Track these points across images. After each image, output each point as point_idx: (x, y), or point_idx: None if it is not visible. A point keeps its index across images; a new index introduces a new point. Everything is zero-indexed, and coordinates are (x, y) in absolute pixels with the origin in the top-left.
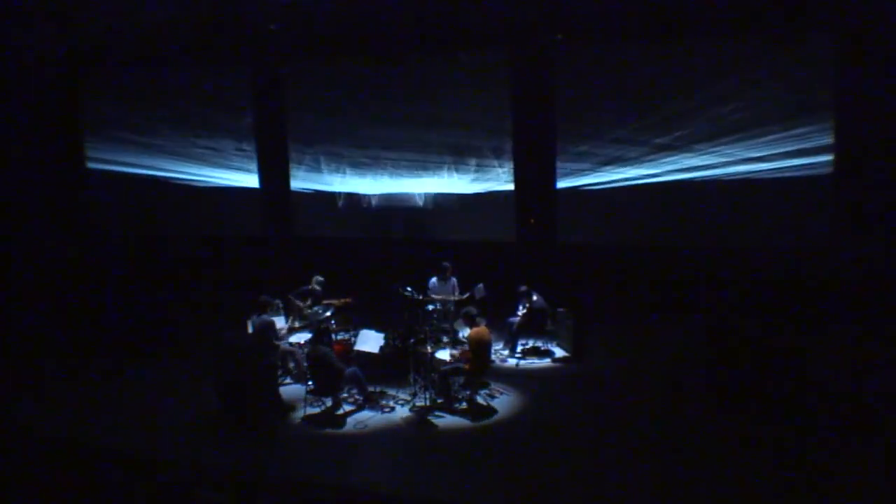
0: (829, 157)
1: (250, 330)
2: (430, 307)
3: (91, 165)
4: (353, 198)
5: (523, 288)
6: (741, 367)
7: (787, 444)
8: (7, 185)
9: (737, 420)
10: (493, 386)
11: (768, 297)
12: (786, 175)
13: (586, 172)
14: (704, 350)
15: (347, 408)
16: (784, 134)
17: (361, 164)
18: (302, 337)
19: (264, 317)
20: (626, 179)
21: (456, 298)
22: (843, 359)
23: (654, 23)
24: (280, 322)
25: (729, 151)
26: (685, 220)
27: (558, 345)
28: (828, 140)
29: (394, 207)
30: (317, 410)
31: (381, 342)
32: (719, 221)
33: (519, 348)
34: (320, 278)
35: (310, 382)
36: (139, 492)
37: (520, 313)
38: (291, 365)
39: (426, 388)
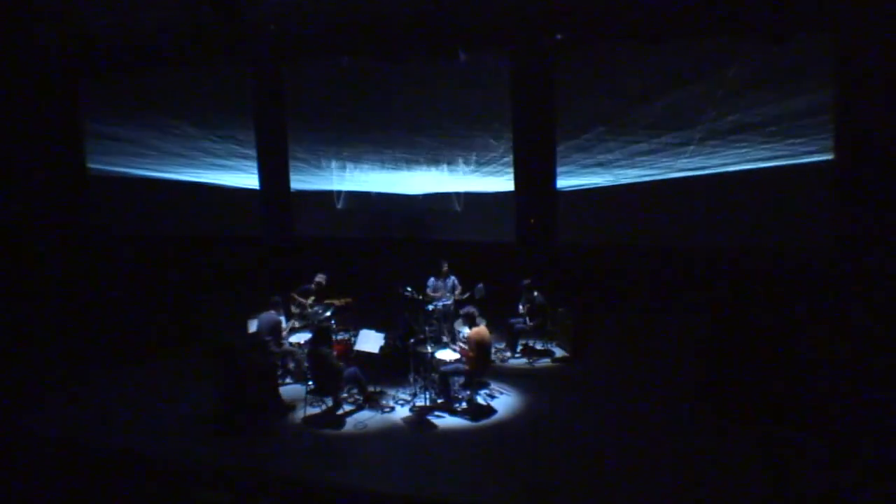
0: (828, 157)
1: (251, 329)
2: (430, 307)
3: (91, 166)
4: (353, 197)
5: (526, 281)
6: (740, 367)
7: (786, 444)
8: (7, 185)
9: (736, 420)
10: (493, 386)
11: (768, 296)
12: (785, 174)
13: (586, 172)
14: (703, 350)
15: (347, 408)
16: (783, 133)
17: (361, 164)
18: (302, 337)
19: (272, 313)
20: (626, 179)
21: (456, 298)
22: (842, 358)
23: (654, 23)
24: (281, 322)
25: (729, 150)
26: (684, 220)
27: (558, 345)
28: (827, 139)
29: (393, 207)
30: (317, 410)
31: (381, 342)
32: (719, 221)
33: (519, 347)
34: (323, 275)
35: (310, 382)
36: (139, 492)
37: (521, 310)
38: (291, 365)
39: (426, 388)
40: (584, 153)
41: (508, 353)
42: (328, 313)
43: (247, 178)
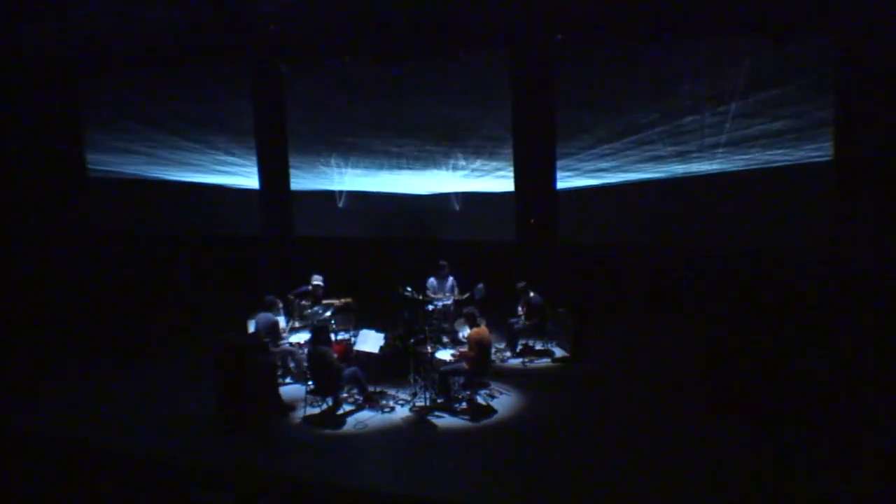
0: (828, 157)
1: (251, 329)
2: (430, 307)
3: (91, 166)
4: (353, 197)
5: (521, 284)
6: (739, 368)
7: (785, 445)
8: (7, 185)
9: (735, 420)
10: (493, 386)
11: (767, 296)
12: (785, 174)
13: (586, 172)
14: (703, 350)
15: (347, 408)
16: (783, 133)
17: (361, 164)
18: (302, 337)
19: (269, 315)
20: (626, 180)
21: (456, 298)
22: (841, 358)
23: (654, 23)
24: (280, 322)
25: (729, 151)
26: (685, 220)
27: (558, 345)
28: (827, 139)
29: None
30: (317, 410)
31: (381, 342)
32: (719, 221)
33: (518, 347)
34: (319, 276)
35: (310, 382)
36: (139, 492)
37: (519, 311)
38: (291, 365)
39: (426, 388)
40: (584, 153)
41: (508, 353)
42: (328, 313)
43: (247, 179)
